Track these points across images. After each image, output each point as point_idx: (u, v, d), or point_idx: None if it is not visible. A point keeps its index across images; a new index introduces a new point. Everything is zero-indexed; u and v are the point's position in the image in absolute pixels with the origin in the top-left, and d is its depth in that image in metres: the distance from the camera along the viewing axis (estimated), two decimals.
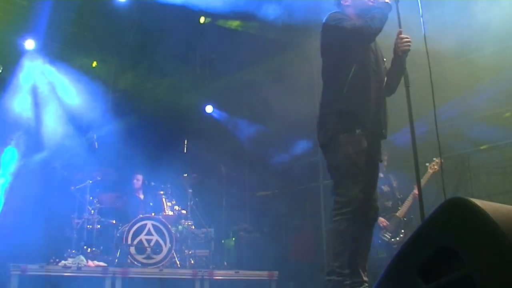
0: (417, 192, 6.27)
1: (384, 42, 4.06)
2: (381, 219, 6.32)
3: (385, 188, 6.68)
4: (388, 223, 6.40)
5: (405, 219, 6.49)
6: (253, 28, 10.62)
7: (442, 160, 6.37)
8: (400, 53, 3.71)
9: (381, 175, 6.65)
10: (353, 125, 3.57)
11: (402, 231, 6.44)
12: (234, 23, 10.73)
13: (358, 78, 3.63)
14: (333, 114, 3.67)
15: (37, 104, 9.23)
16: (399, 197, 6.64)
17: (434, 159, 6.54)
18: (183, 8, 10.18)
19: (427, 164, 6.55)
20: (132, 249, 6.87)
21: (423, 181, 6.28)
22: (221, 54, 11.83)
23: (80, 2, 9.70)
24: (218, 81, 11.84)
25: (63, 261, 6.39)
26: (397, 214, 6.48)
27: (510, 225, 1.60)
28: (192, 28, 11.32)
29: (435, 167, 6.47)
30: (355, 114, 3.61)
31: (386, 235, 6.35)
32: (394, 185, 6.76)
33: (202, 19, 11.02)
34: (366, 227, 3.68)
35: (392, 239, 6.38)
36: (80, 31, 10.27)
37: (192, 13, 10.47)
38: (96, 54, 10.81)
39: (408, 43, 3.72)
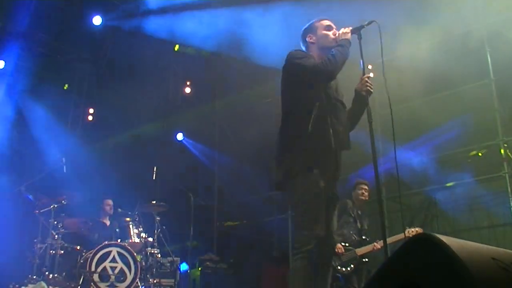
0: (378, 246, 6.38)
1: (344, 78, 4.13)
2: (339, 245, 6.34)
3: (358, 225, 6.72)
4: (343, 252, 6.42)
5: (363, 259, 6.52)
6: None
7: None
8: (364, 93, 3.77)
9: (359, 212, 6.75)
10: (312, 165, 3.55)
11: (352, 266, 6.47)
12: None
13: (321, 116, 3.62)
14: (293, 152, 3.63)
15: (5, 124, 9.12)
16: (364, 238, 6.68)
17: (417, 229, 6.52)
18: (157, 33, 10.25)
19: (407, 228, 6.55)
20: (96, 276, 6.73)
21: (393, 239, 6.31)
22: (193, 82, 11.87)
23: (53, 24, 9.68)
24: (190, 108, 11.86)
25: (23, 287, 6.23)
26: (355, 249, 6.51)
27: (475, 262, 1.62)
28: (166, 54, 11.36)
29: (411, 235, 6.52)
30: (316, 153, 3.58)
31: (336, 261, 6.36)
32: (365, 226, 6.82)
33: (176, 47, 11.06)
34: (325, 265, 3.66)
35: (339, 267, 6.41)
36: (53, 54, 10.22)
37: (166, 40, 10.54)
38: (68, 77, 10.75)
39: (371, 86, 3.77)
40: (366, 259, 6.57)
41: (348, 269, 6.46)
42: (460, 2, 8.39)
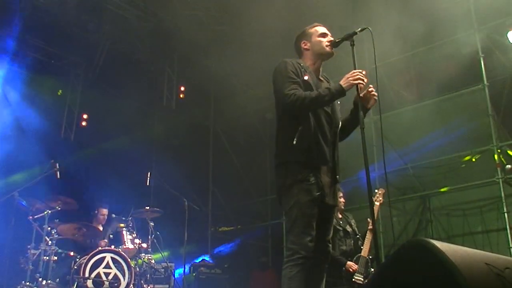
0: (370, 227, 6.35)
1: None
2: (349, 263, 6.31)
3: (348, 229, 6.69)
4: (357, 267, 6.36)
5: (370, 257, 6.47)
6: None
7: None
8: (368, 106, 3.78)
9: (339, 215, 6.71)
10: (306, 174, 3.56)
11: (372, 269, 6.43)
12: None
13: (309, 127, 3.63)
14: (284, 164, 3.66)
15: None
16: (357, 236, 6.65)
17: (376, 190, 6.53)
18: (152, 39, 10.27)
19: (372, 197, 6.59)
20: (89, 282, 6.69)
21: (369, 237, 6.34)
22: (187, 86, 11.88)
23: (48, 30, 9.66)
24: (184, 113, 11.86)
25: None
26: (361, 254, 6.47)
27: (469, 267, 1.62)
28: (160, 59, 11.38)
29: (380, 198, 6.49)
30: (307, 163, 3.59)
31: (358, 277, 6.31)
32: (353, 224, 6.79)
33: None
34: (318, 272, 3.67)
35: (365, 280, 6.34)
36: (47, 59, 10.20)
37: (161, 44, 10.57)
38: (62, 82, 10.73)
39: (375, 96, 3.79)
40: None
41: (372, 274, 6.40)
42: (454, 8, 8.45)
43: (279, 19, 8.18)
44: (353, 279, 6.27)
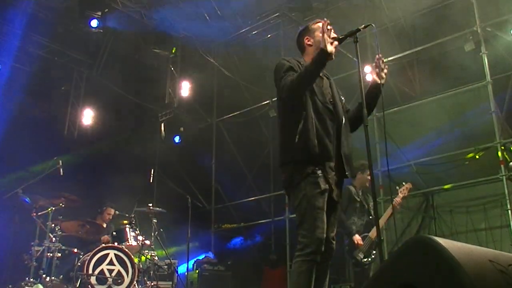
0: (390, 212, 6.34)
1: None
2: (357, 237, 6.31)
3: (366, 206, 6.66)
4: (362, 243, 6.37)
5: (377, 241, 6.44)
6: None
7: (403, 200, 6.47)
8: (382, 79, 3.76)
9: (359, 193, 6.70)
10: (312, 169, 3.57)
11: (374, 252, 6.42)
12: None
13: (310, 124, 3.62)
14: (289, 163, 3.68)
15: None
16: (370, 217, 6.61)
17: (404, 183, 6.53)
18: (154, 36, 10.26)
19: (397, 187, 6.56)
20: (93, 279, 6.70)
21: (386, 215, 6.34)
22: (190, 84, 11.88)
23: (51, 26, 9.67)
24: (187, 111, 11.86)
25: None
26: (369, 234, 6.46)
27: (473, 264, 1.62)
28: (163, 57, 11.38)
29: (405, 191, 6.48)
30: (310, 160, 3.59)
31: (359, 254, 6.33)
32: (371, 205, 6.74)
33: (173, 50, 11.07)
34: (321, 269, 3.67)
35: (364, 259, 6.36)
36: (50, 56, 10.21)
37: (164, 42, 10.56)
38: (65, 79, 10.74)
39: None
40: (382, 238, 6.49)
41: (373, 256, 6.40)
42: (457, 4, 8.43)
43: None
44: (354, 254, 6.30)
